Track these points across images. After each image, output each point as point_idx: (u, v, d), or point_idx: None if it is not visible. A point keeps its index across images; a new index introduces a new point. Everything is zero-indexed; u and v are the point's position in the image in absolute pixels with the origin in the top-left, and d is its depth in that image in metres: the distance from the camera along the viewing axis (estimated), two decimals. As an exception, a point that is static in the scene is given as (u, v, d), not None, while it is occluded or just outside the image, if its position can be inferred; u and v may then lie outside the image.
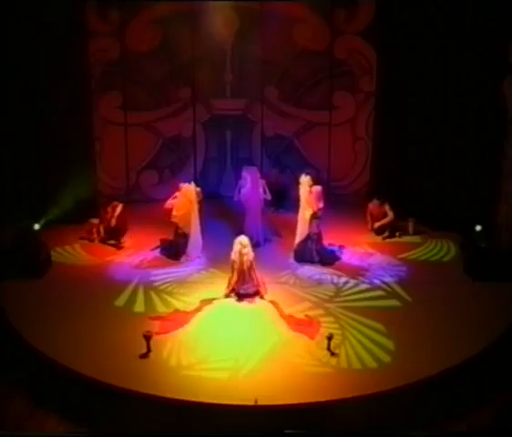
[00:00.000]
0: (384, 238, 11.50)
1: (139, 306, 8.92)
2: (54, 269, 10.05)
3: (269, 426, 6.58)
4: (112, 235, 11.07)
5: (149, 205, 12.80)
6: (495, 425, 6.95)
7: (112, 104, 13.18)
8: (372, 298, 9.21)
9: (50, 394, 7.34)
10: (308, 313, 8.61)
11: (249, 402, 6.60)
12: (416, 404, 7.03)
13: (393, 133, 12.50)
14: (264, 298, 9.08)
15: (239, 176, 11.56)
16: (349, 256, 10.69)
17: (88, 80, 12.38)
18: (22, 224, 10.20)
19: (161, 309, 8.82)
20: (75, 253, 10.79)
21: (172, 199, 10.56)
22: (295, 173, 11.41)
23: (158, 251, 10.84)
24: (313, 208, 10.23)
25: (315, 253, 10.35)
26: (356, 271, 10.06)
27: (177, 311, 8.70)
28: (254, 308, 8.90)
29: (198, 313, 8.64)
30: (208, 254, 10.60)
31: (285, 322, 8.40)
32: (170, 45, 13.15)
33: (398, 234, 11.58)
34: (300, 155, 13.89)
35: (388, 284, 9.62)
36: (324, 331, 7.94)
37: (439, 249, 11.02)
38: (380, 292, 9.39)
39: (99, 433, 6.83)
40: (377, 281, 9.72)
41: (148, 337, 7.52)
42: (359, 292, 9.39)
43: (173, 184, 11.26)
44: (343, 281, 9.71)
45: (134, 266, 10.29)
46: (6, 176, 11.29)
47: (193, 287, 9.51)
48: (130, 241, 11.18)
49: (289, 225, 11.21)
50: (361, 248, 11.06)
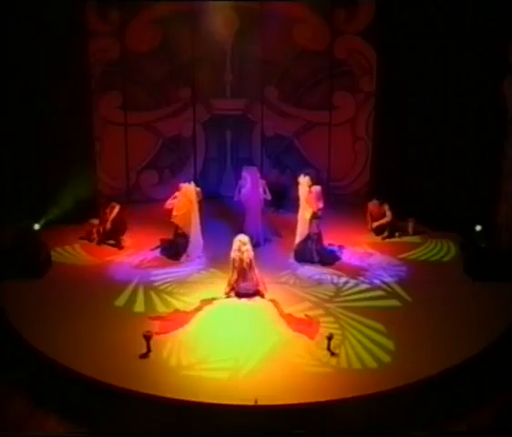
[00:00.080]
0: (384, 238, 11.51)
1: (139, 306, 8.92)
2: (54, 269, 10.05)
3: (269, 426, 6.59)
4: (110, 236, 11.07)
5: (149, 205, 12.82)
6: (495, 425, 6.94)
7: (112, 104, 13.18)
8: (372, 298, 9.21)
9: (50, 394, 7.33)
10: (308, 313, 8.61)
11: (249, 402, 6.59)
12: (416, 404, 7.02)
13: (393, 133, 12.50)
14: (264, 297, 9.09)
15: (239, 176, 11.56)
16: (349, 256, 10.69)
17: (88, 80, 12.37)
18: (22, 224, 10.20)
19: (161, 309, 8.82)
20: (75, 253, 10.79)
21: (172, 199, 10.56)
22: (295, 173, 11.41)
23: (158, 251, 10.84)
24: (313, 208, 10.23)
25: (315, 253, 10.35)
26: (356, 271, 10.06)
27: (177, 311, 8.70)
28: (254, 307, 8.90)
29: (198, 313, 8.64)
30: (208, 254, 10.60)
31: (285, 321, 8.40)
32: (170, 45, 13.15)
33: (398, 234, 11.59)
34: (300, 155, 13.89)
35: (388, 284, 9.62)
36: (324, 331, 7.93)
37: (439, 249, 11.02)
38: (380, 292, 9.39)
39: (99, 433, 6.85)
40: (377, 281, 9.72)
41: (148, 337, 7.52)
42: (359, 292, 9.39)
43: (173, 184, 11.28)
44: (343, 281, 9.71)
45: (134, 266, 10.29)
46: (6, 176, 11.30)
47: (193, 287, 9.51)
48: (130, 241, 11.19)
49: (289, 225, 11.21)
50: (361, 248, 11.06)
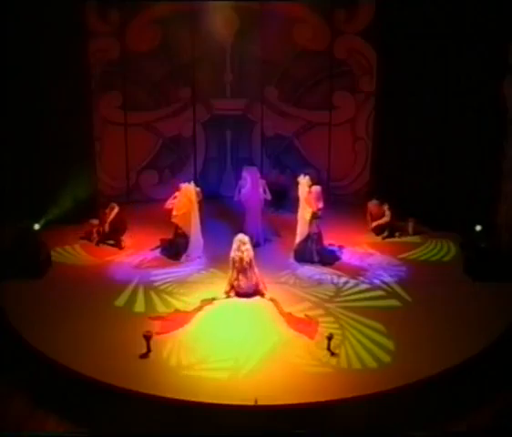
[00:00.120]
0: (384, 237, 11.51)
1: (139, 306, 8.91)
2: (54, 269, 10.05)
3: (269, 426, 6.58)
4: (109, 237, 11.06)
5: (149, 205, 12.82)
6: (495, 425, 6.95)
7: (112, 104, 13.18)
8: (372, 298, 9.21)
9: (50, 394, 7.33)
10: (308, 313, 8.60)
11: (249, 402, 6.59)
12: (416, 404, 7.02)
13: (393, 133, 12.50)
14: (264, 296, 9.09)
15: (239, 176, 11.55)
16: (349, 256, 10.69)
17: (88, 80, 12.37)
18: (22, 224, 10.20)
19: (161, 309, 8.82)
20: (75, 253, 10.79)
21: (172, 199, 10.56)
22: (295, 173, 11.40)
23: (158, 251, 10.84)
24: (313, 208, 10.22)
25: (315, 253, 10.35)
26: (356, 271, 10.06)
27: (177, 311, 8.70)
28: (254, 307, 8.89)
29: (198, 313, 8.64)
30: (208, 254, 10.60)
31: (285, 320, 8.40)
32: (170, 45, 13.15)
33: (398, 234, 11.59)
34: (300, 155, 13.89)
35: (388, 284, 9.62)
36: (324, 331, 7.93)
37: (439, 249, 11.02)
38: (380, 292, 9.39)
39: (99, 433, 6.85)
40: (377, 281, 9.71)
41: (148, 337, 7.52)
42: (359, 292, 9.39)
43: (173, 184, 11.28)
44: (343, 281, 9.71)
45: (134, 266, 10.28)
46: (6, 176, 11.30)
47: (193, 287, 9.51)
48: (130, 241, 11.19)
49: (289, 225, 11.21)
50: (361, 248, 11.06)
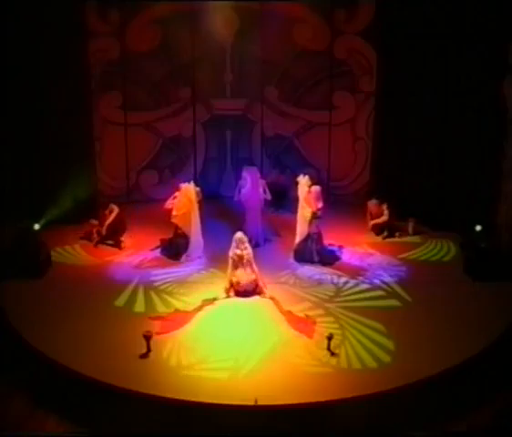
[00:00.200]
0: (384, 237, 11.51)
1: (139, 306, 8.91)
2: (54, 269, 10.05)
3: (269, 426, 6.59)
4: (109, 238, 11.06)
5: (149, 205, 12.81)
6: (495, 425, 6.94)
7: (112, 104, 13.18)
8: (372, 298, 9.21)
9: (50, 394, 7.33)
10: (308, 313, 8.60)
11: (249, 402, 6.59)
12: (416, 404, 7.02)
13: (393, 133, 12.49)
14: (264, 295, 9.09)
15: (239, 176, 11.56)
16: (349, 256, 10.69)
17: (88, 80, 12.36)
18: (22, 224, 10.20)
19: (161, 309, 8.82)
20: (75, 253, 10.79)
21: (172, 199, 10.56)
22: (295, 173, 11.39)
23: (158, 251, 10.83)
24: (312, 208, 10.22)
25: (315, 253, 10.35)
26: (356, 271, 10.06)
27: (177, 311, 8.70)
28: (254, 307, 8.90)
29: (198, 313, 8.64)
30: (208, 254, 10.59)
31: (285, 318, 8.41)
32: (170, 45, 13.15)
33: (398, 234, 11.59)
34: (300, 155, 13.89)
35: (388, 284, 9.62)
36: (324, 331, 7.93)
37: (439, 249, 11.02)
38: (380, 292, 9.39)
39: (99, 433, 6.85)
40: (377, 281, 9.71)
41: (148, 337, 7.52)
42: (359, 292, 9.39)
43: (173, 184, 11.28)
44: (343, 281, 9.71)
45: (134, 266, 10.28)
46: (6, 176, 11.30)
47: (193, 287, 9.51)
48: (130, 241, 11.19)
49: (289, 225, 11.20)
50: (361, 248, 11.06)
